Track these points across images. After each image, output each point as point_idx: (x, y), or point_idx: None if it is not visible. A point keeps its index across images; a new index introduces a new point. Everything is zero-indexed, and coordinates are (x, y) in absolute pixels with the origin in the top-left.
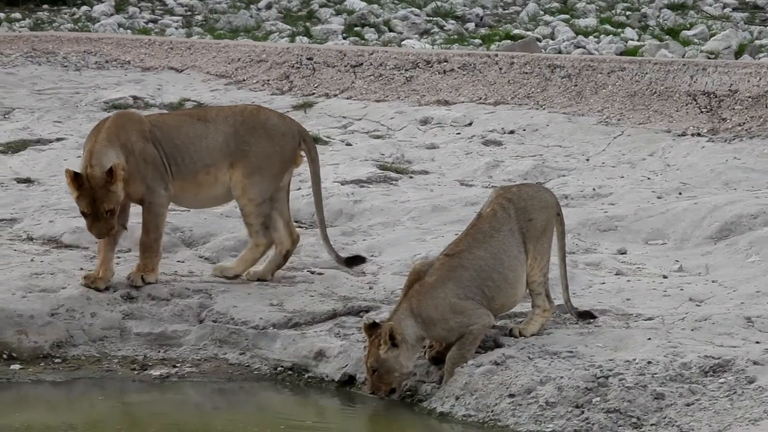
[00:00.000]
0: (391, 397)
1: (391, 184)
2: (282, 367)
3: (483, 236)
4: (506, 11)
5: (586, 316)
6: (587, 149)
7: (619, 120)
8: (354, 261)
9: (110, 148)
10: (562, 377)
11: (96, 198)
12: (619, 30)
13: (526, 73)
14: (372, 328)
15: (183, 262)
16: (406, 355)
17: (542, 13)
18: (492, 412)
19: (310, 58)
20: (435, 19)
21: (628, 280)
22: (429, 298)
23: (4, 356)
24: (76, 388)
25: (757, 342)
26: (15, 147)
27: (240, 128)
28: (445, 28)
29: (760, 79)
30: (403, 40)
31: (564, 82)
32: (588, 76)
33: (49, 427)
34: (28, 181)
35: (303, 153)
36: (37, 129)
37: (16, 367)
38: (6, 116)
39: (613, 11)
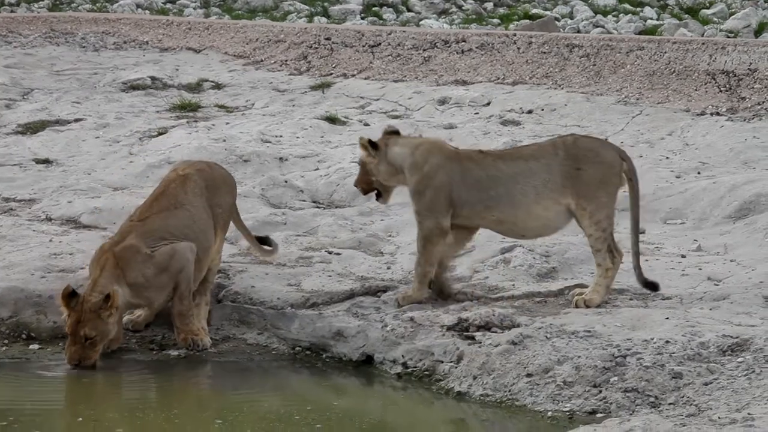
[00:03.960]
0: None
1: None
2: (300, 347)
3: (513, 155)
4: None
5: (652, 287)
6: (606, 129)
7: (637, 99)
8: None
9: (115, 283)
10: (579, 357)
11: (80, 320)
12: (638, 9)
13: (545, 52)
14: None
15: None
16: (381, 166)
17: None
18: (509, 391)
19: (328, 38)
20: None
21: (647, 260)
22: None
23: (23, 336)
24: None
25: None
26: (34, 128)
27: None
28: (463, 7)
29: None
30: (422, 19)
31: (582, 61)
32: (606, 56)
33: (67, 407)
34: (46, 161)
35: None
36: (55, 110)
37: (35, 346)
38: (25, 97)
39: None
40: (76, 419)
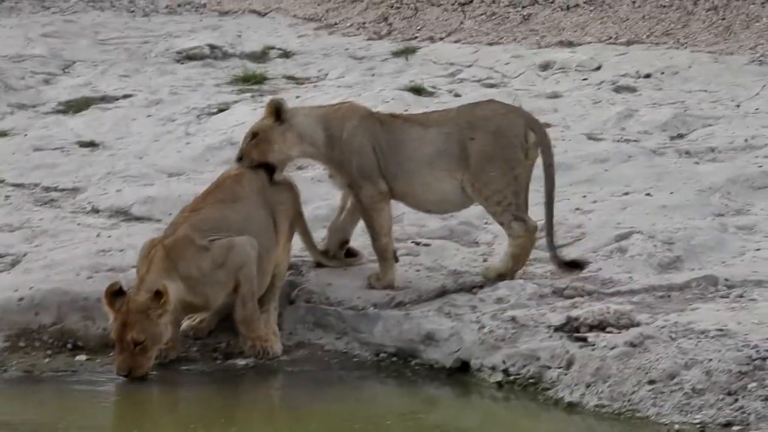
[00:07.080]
0: None
1: None
2: (385, 352)
3: (418, 120)
4: None
5: (573, 266)
6: (737, 94)
7: None
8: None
9: (165, 278)
10: (710, 360)
11: (126, 323)
12: None
13: (664, 6)
14: None
15: None
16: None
17: None
18: (629, 401)
19: None
20: None
21: None
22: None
23: (69, 345)
24: (149, 380)
25: None
26: (76, 106)
27: None
28: None
29: None
30: None
31: (709, 15)
32: (738, 8)
33: (116, 425)
34: (91, 144)
35: None
36: (100, 85)
37: (82, 357)
38: (65, 71)
39: None
40: None
